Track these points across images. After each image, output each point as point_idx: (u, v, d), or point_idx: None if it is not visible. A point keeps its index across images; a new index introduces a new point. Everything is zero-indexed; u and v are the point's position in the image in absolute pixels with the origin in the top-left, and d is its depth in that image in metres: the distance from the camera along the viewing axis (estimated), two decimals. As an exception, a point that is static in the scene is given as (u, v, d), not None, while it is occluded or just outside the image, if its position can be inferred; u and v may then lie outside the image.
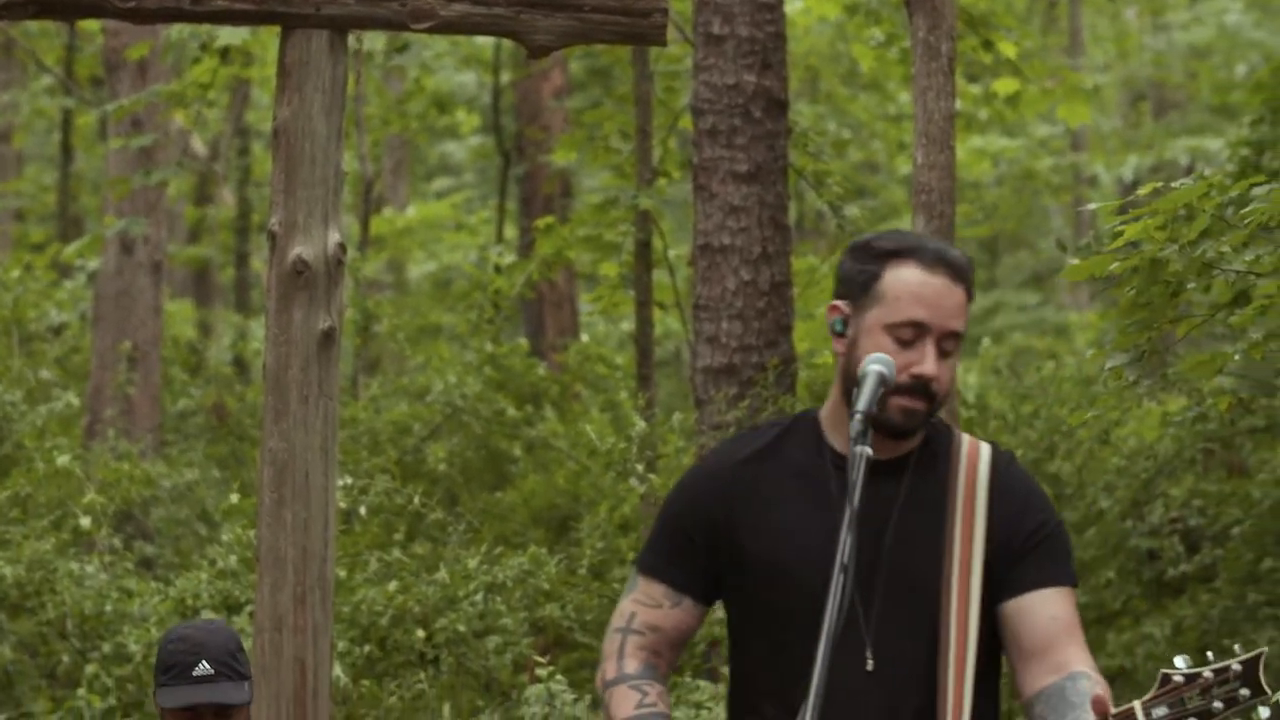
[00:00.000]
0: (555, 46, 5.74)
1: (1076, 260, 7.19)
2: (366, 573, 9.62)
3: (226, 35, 11.52)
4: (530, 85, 18.95)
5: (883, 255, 4.02)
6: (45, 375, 14.86)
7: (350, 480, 10.40)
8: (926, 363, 3.96)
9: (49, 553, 9.64)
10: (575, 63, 19.20)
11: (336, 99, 5.61)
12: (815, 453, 4.09)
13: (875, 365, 3.93)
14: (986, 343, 17.44)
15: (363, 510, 10.34)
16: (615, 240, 12.61)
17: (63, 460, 10.73)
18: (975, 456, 4.08)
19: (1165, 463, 11.26)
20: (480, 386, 13.53)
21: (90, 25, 17.09)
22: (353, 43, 7.41)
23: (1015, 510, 4.04)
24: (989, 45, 12.53)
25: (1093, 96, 14.87)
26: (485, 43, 19.34)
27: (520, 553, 9.85)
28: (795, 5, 15.76)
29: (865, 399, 3.89)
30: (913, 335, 3.97)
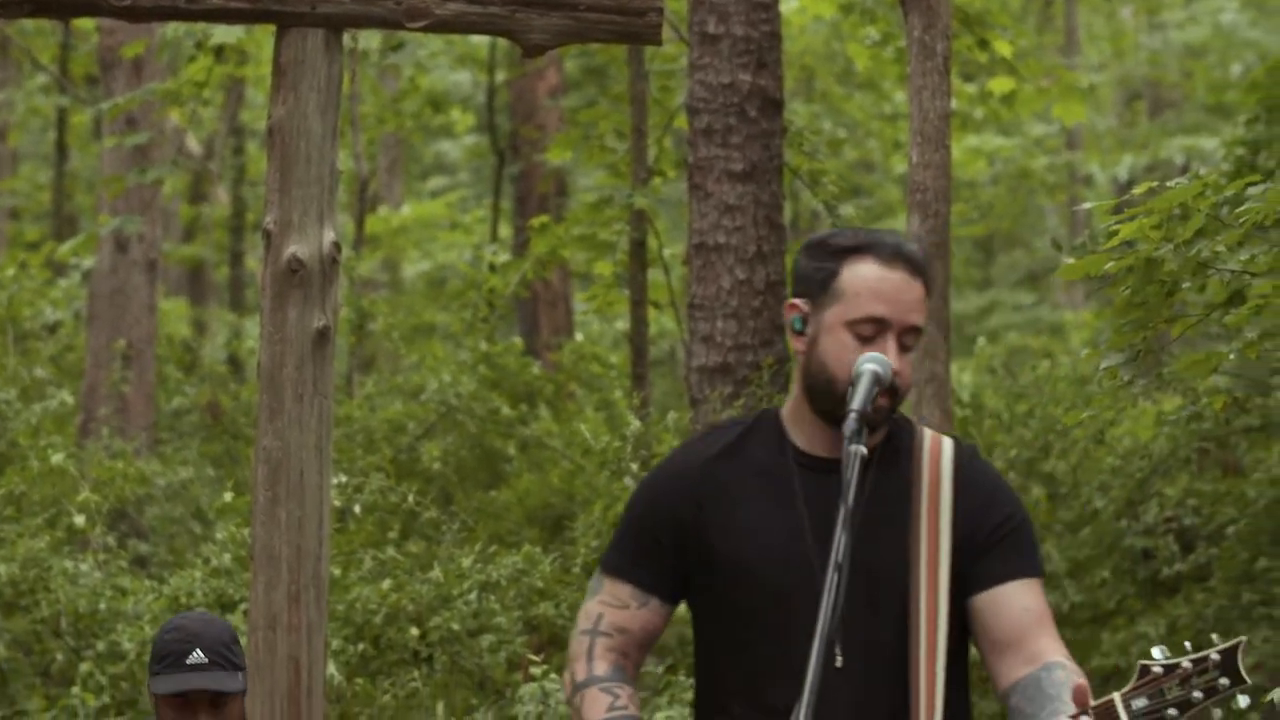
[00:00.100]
0: (550, 45, 5.74)
1: (1071, 259, 7.19)
2: (361, 571, 9.62)
3: (221, 34, 11.51)
4: (525, 84, 18.94)
5: (840, 252, 4.02)
6: (40, 373, 14.86)
7: (345, 479, 10.40)
8: (889, 359, 3.96)
9: (43, 551, 9.63)
10: (570, 62, 19.19)
11: (331, 98, 5.61)
12: (778, 451, 4.09)
13: (870, 364, 3.93)
14: (982, 342, 17.42)
15: (357, 509, 10.34)
16: (610, 239, 12.61)
17: (57, 458, 10.72)
18: (938, 451, 4.08)
19: (1160, 462, 11.26)
20: (475, 385, 13.52)
21: (85, 23, 17.09)
22: (348, 41, 7.41)
23: (980, 503, 4.04)
24: (984, 44, 12.53)
25: (1088, 95, 14.86)
26: (480, 41, 19.34)
27: (514, 551, 9.85)
28: (790, 4, 15.74)
29: (860, 397, 3.89)
30: (873, 331, 3.97)
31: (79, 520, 10.29)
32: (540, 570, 9.67)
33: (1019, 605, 3.98)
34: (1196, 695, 3.70)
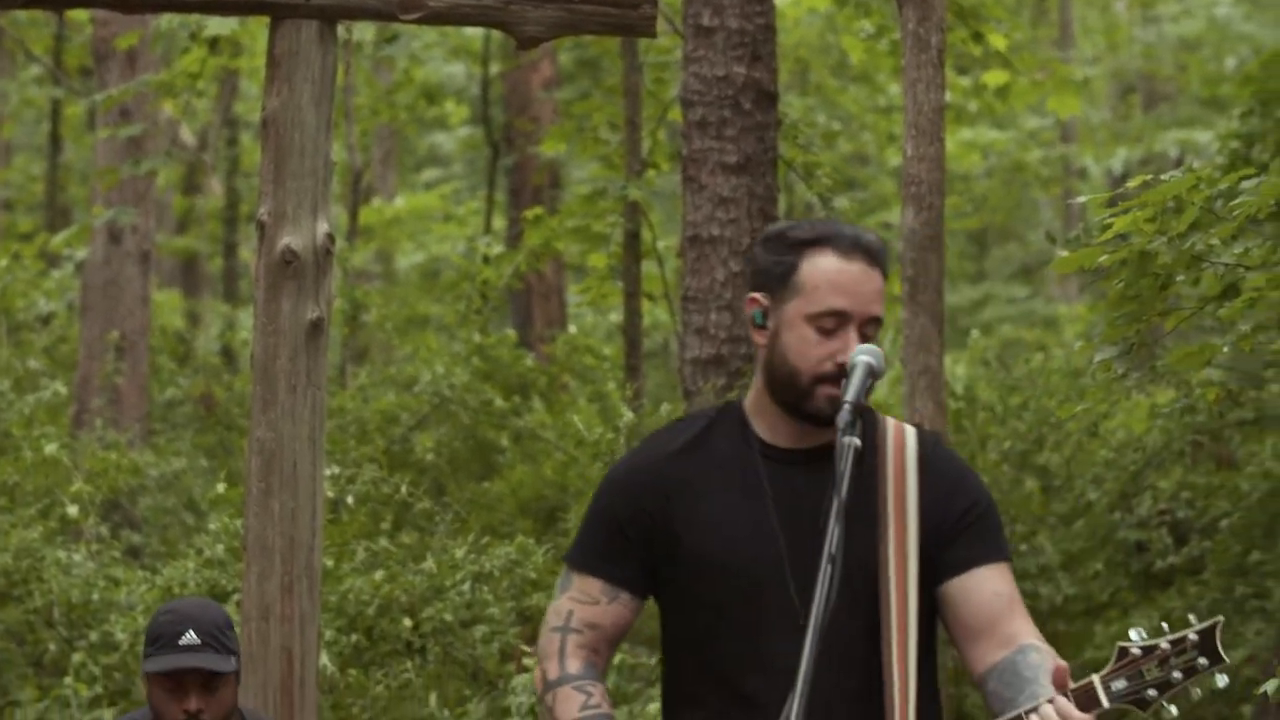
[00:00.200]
0: (545, 38, 5.74)
1: (1066, 252, 7.19)
2: (354, 562, 9.62)
3: (215, 25, 11.52)
4: (519, 76, 18.93)
5: (798, 245, 4.01)
6: (33, 364, 14.86)
7: (338, 470, 10.40)
8: (850, 351, 3.96)
9: (36, 541, 9.63)
10: (564, 54, 19.19)
11: (326, 89, 5.61)
12: (742, 443, 4.08)
13: (864, 356, 3.93)
14: (976, 334, 17.43)
15: (350, 500, 10.34)
16: (604, 231, 12.61)
17: (50, 449, 10.73)
18: (901, 439, 4.09)
19: (1154, 455, 11.27)
20: (468, 377, 13.52)
21: (79, 15, 17.06)
22: (342, 33, 7.40)
23: (946, 491, 4.04)
24: (979, 37, 12.51)
25: (1082, 89, 14.88)
26: (474, 33, 19.33)
27: (507, 542, 9.85)
28: (785, -3, 15.74)
29: (854, 389, 3.89)
30: (834, 324, 3.97)
31: (72, 511, 10.29)
32: (533, 561, 9.67)
33: (989, 590, 3.99)
34: (1176, 675, 3.73)
